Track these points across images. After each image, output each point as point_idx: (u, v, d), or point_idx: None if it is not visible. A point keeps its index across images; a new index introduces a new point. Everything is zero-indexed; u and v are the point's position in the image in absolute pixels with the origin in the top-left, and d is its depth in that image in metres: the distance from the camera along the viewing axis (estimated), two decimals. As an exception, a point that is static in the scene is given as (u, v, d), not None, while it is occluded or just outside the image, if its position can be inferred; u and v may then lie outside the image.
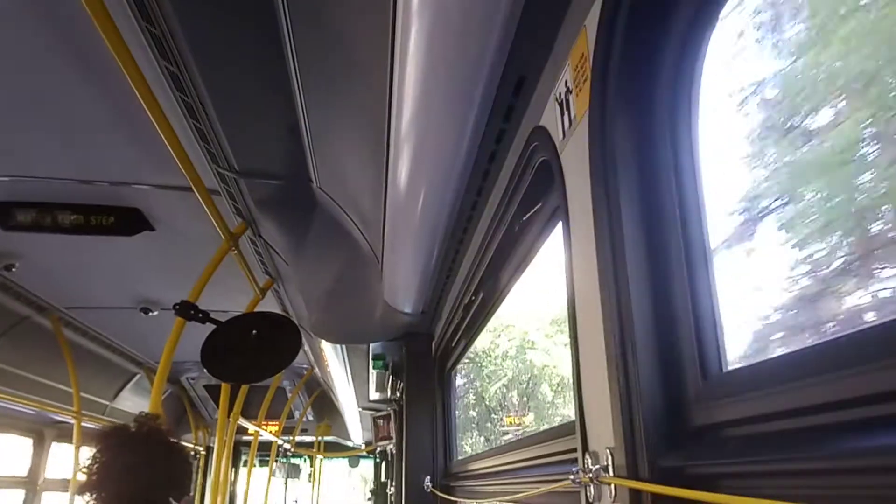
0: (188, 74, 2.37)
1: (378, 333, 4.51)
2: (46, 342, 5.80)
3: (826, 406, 0.83)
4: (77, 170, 3.45)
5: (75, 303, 5.69)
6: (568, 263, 1.51)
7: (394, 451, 7.43)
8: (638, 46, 1.18)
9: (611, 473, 1.19)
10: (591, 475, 1.24)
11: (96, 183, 3.53)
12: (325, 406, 11.91)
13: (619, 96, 1.22)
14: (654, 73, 1.19)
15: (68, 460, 7.35)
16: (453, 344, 3.93)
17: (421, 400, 4.42)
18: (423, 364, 4.47)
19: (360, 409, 9.70)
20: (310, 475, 15.17)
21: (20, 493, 7.10)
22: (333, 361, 6.29)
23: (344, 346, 5.83)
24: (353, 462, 15.43)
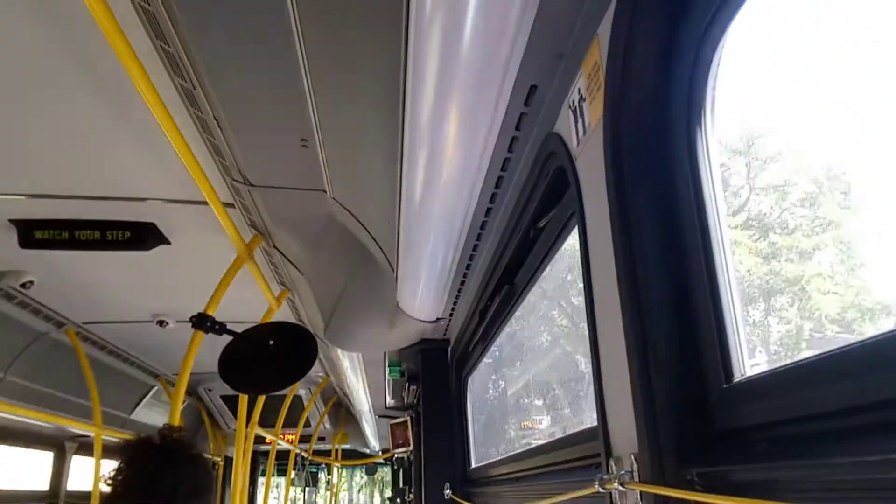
0: (202, 90, 2.39)
1: (393, 341, 4.52)
2: (65, 357, 5.85)
3: (852, 409, 0.83)
4: (92, 186, 3.48)
5: (92, 317, 5.74)
6: (585, 267, 1.51)
7: (411, 458, 7.43)
8: (652, 54, 1.19)
9: (636, 479, 1.19)
10: (616, 481, 1.24)
11: (112, 199, 3.56)
12: (341, 414, 11.93)
13: (634, 103, 1.23)
14: (669, 79, 1.19)
15: (88, 474, 7.39)
16: (470, 349, 3.94)
17: (438, 406, 4.43)
18: (439, 370, 4.47)
19: (377, 417, 9.71)
20: (327, 483, 15.20)
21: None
22: (349, 370, 6.30)
23: (359, 354, 5.84)
24: (371, 469, 15.44)
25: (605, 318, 1.38)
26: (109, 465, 2.30)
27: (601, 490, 1.30)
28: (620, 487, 1.24)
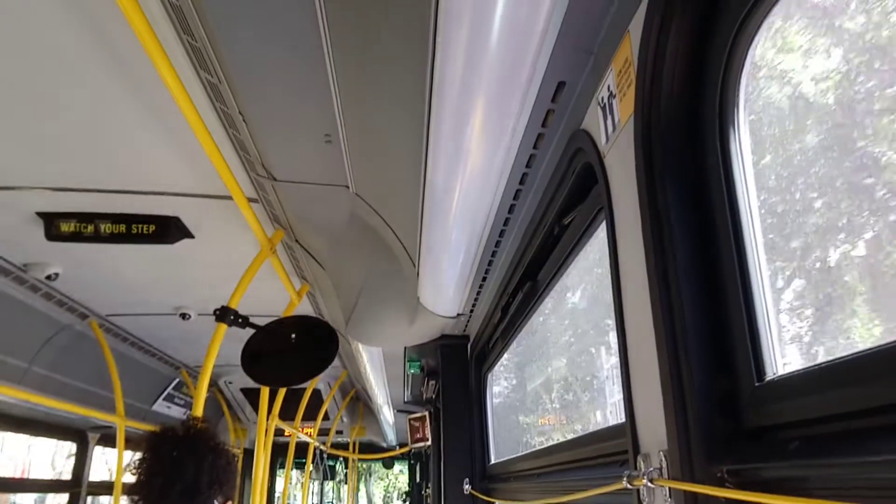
0: (228, 85, 2.41)
1: (413, 336, 4.53)
2: (88, 349, 5.92)
3: (887, 408, 0.82)
4: (118, 180, 3.52)
5: (116, 310, 5.81)
6: (613, 264, 1.51)
7: (429, 453, 7.44)
8: (684, 50, 1.18)
9: (666, 476, 1.19)
10: (645, 478, 1.24)
11: (137, 193, 3.60)
12: (359, 408, 11.99)
13: (665, 99, 1.22)
14: (702, 75, 1.19)
15: (111, 464, 7.49)
16: (490, 345, 3.94)
17: (457, 402, 4.44)
18: (459, 366, 4.48)
19: (396, 411, 9.74)
20: (345, 476, 15.31)
21: (64, 498, 7.28)
22: (369, 364, 6.33)
23: (379, 349, 5.86)
24: (388, 464, 15.50)
25: (634, 313, 1.38)
26: (130, 456, 2.34)
27: (629, 486, 1.30)
28: (649, 484, 1.24)
